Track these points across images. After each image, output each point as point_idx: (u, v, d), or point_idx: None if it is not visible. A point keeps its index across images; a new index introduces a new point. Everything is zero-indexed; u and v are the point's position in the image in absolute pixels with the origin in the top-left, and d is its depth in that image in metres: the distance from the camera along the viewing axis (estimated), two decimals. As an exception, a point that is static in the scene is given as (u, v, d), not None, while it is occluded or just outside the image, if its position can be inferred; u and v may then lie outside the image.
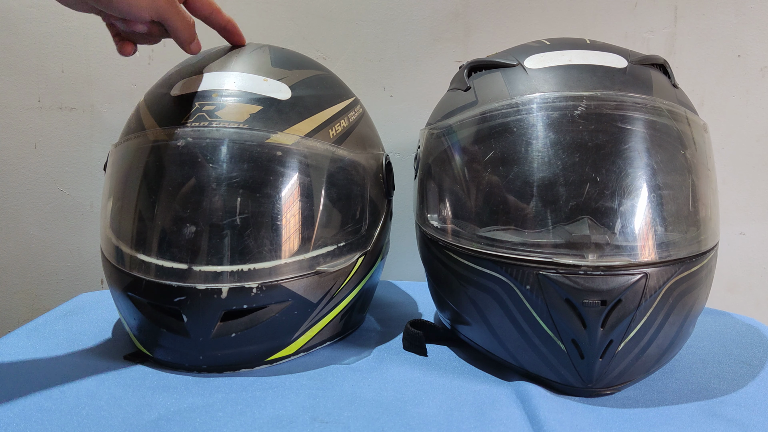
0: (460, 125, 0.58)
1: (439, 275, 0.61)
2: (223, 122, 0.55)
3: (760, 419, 0.48)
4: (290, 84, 0.60)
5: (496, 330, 0.54)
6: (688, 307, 0.52)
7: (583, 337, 0.49)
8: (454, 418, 0.48)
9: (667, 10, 0.91)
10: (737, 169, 0.94)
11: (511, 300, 0.52)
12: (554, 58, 0.57)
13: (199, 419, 0.47)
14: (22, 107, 0.94)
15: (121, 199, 0.58)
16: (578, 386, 0.51)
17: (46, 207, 0.97)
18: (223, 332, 0.54)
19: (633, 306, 0.48)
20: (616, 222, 0.50)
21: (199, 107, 0.56)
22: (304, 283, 0.56)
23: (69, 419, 0.46)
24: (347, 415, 0.48)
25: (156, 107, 0.59)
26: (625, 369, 0.51)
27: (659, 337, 0.51)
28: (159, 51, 0.93)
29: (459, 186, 0.57)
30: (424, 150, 0.64)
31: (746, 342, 0.66)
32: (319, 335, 0.61)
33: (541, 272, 0.50)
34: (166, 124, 0.56)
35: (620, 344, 0.49)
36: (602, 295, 0.48)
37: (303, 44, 0.94)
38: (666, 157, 0.53)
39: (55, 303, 0.80)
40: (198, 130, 0.55)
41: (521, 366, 0.54)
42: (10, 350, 0.59)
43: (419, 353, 0.61)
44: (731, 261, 0.96)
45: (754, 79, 0.92)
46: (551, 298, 0.49)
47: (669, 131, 0.53)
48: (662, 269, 0.49)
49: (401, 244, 0.89)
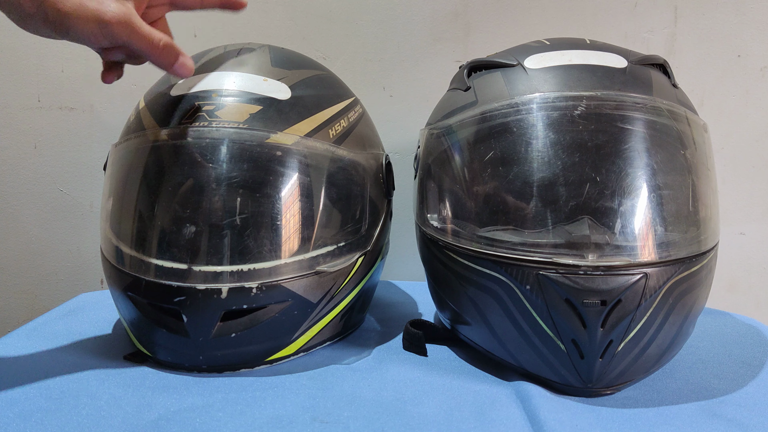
0: (460, 125, 0.58)
1: (439, 275, 0.61)
2: (222, 122, 0.55)
3: (760, 419, 0.48)
4: (290, 84, 0.60)
5: (496, 330, 0.54)
6: (688, 307, 0.52)
7: (583, 337, 0.49)
8: (454, 418, 0.47)
9: (667, 10, 0.91)
10: (737, 169, 0.94)
11: (511, 300, 0.52)
12: (554, 58, 0.57)
13: (199, 419, 0.47)
14: (22, 107, 0.94)
15: (121, 199, 0.58)
16: (578, 386, 0.51)
17: (46, 207, 0.97)
18: (223, 332, 0.54)
19: (633, 306, 0.48)
20: (616, 222, 0.50)
21: (199, 107, 0.56)
22: (304, 283, 0.56)
23: (69, 419, 0.46)
24: (347, 415, 0.48)
25: (156, 107, 0.59)
26: (625, 369, 0.51)
27: (659, 337, 0.51)
28: (159, 51, 0.93)
29: (459, 186, 0.57)
30: (423, 150, 0.64)
31: (746, 342, 0.66)
32: (319, 335, 0.61)
33: (541, 272, 0.50)
34: (166, 124, 0.56)
35: (620, 344, 0.49)
36: (602, 295, 0.48)
37: (303, 44, 0.94)
38: (666, 157, 0.53)
39: (55, 303, 0.80)
40: (198, 130, 0.55)
41: (521, 366, 0.54)
42: (10, 350, 0.59)
43: (419, 353, 0.61)
44: (731, 261, 0.96)
45: (754, 79, 0.92)
46: (551, 298, 0.49)
47: (669, 131, 0.53)
48: (662, 269, 0.49)
49: (401, 244, 0.89)
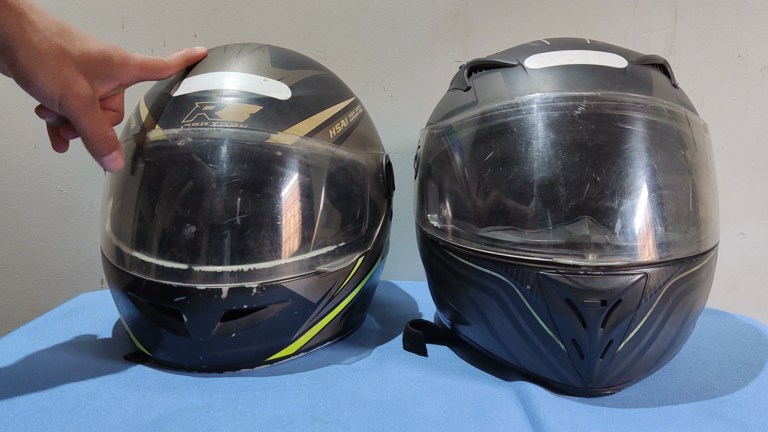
0: (460, 125, 0.58)
1: (439, 275, 0.61)
2: (223, 122, 0.55)
3: (760, 419, 0.48)
4: (290, 84, 0.60)
5: (497, 330, 0.54)
6: (688, 307, 0.52)
7: (583, 337, 0.49)
8: (454, 418, 0.47)
9: (667, 10, 0.91)
10: (737, 169, 0.94)
11: (511, 300, 0.52)
12: (554, 58, 0.57)
13: (199, 419, 0.47)
14: (22, 107, 0.94)
15: (121, 199, 0.58)
16: (578, 386, 0.51)
17: (46, 207, 0.97)
18: (223, 332, 0.54)
19: (633, 306, 0.48)
20: (616, 222, 0.50)
21: (199, 107, 0.56)
22: (304, 283, 0.56)
23: (69, 419, 0.46)
24: (347, 415, 0.48)
25: (156, 107, 0.59)
26: (626, 369, 0.51)
27: (659, 337, 0.51)
28: (159, 51, 0.93)
29: (459, 186, 0.57)
30: (424, 150, 0.64)
31: (746, 342, 0.66)
32: (320, 335, 0.61)
33: (541, 272, 0.50)
34: (166, 124, 0.56)
35: (620, 344, 0.49)
36: (602, 295, 0.48)
37: (303, 44, 0.94)
38: (666, 157, 0.53)
39: (55, 303, 0.80)
40: (198, 130, 0.55)
41: (521, 366, 0.54)
42: (10, 350, 0.59)
43: (419, 353, 0.61)
44: (731, 261, 0.96)
45: (754, 79, 0.92)
46: (551, 298, 0.49)
47: (669, 131, 0.53)
48: (662, 269, 0.49)
49: (401, 244, 0.89)
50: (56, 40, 0.46)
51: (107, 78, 0.51)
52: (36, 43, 0.45)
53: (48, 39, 0.45)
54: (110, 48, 0.50)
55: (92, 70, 0.49)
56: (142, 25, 0.92)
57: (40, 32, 0.45)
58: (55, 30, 0.46)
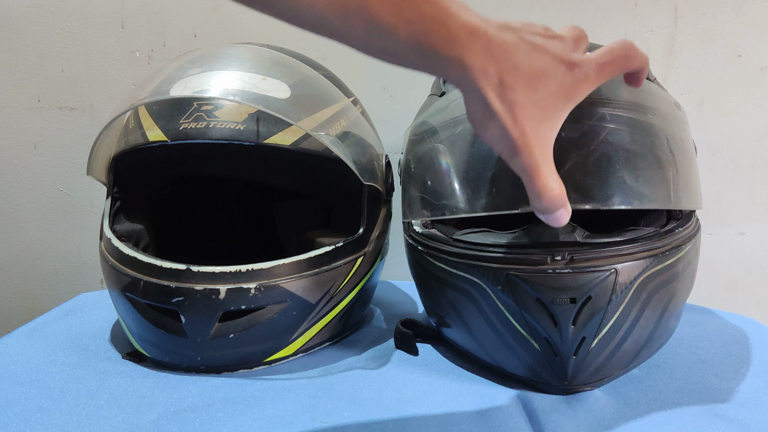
0: (431, 131, 0.58)
1: (422, 279, 0.61)
2: (221, 122, 0.55)
3: (760, 419, 0.48)
4: (289, 83, 0.60)
5: (474, 331, 0.55)
6: (665, 302, 0.52)
7: (555, 336, 0.49)
8: (454, 418, 0.47)
9: (667, 10, 0.91)
10: (737, 169, 0.94)
11: (484, 301, 0.52)
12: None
13: (198, 419, 0.47)
14: (22, 107, 0.94)
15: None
16: (555, 384, 0.51)
17: (46, 207, 0.97)
18: (222, 333, 0.54)
19: (603, 302, 0.48)
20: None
21: (198, 107, 0.56)
22: (303, 284, 0.56)
23: (69, 419, 0.46)
24: (347, 415, 0.48)
25: (154, 107, 0.59)
26: (602, 365, 0.51)
27: (635, 332, 0.51)
28: (159, 51, 0.93)
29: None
30: (404, 155, 0.64)
31: (746, 342, 0.66)
32: (319, 336, 0.61)
33: (511, 272, 0.50)
34: (165, 124, 0.56)
35: (593, 341, 0.49)
36: (571, 292, 0.48)
37: (303, 44, 0.93)
38: (632, 139, 0.51)
39: (55, 303, 0.80)
40: (197, 129, 0.55)
41: (500, 366, 0.54)
42: (10, 350, 0.59)
43: (410, 352, 0.61)
44: (730, 261, 0.96)
45: (754, 79, 0.92)
46: (522, 297, 0.49)
47: (635, 124, 0.52)
48: (633, 264, 0.49)
49: (401, 244, 0.89)
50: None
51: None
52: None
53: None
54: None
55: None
56: (142, 25, 0.92)
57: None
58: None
